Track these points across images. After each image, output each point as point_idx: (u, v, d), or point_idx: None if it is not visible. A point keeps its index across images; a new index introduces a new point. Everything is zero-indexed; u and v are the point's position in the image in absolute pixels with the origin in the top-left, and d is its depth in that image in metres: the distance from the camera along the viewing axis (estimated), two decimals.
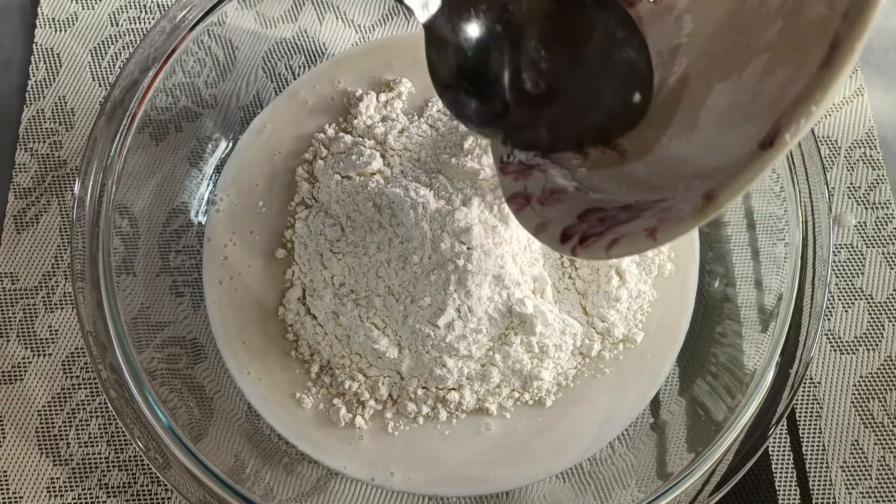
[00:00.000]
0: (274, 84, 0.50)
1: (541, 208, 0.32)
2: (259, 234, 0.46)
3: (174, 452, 0.38)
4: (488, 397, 0.42)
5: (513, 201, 0.33)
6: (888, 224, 0.49)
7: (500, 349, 0.41)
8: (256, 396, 0.43)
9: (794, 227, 0.41)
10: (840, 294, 0.48)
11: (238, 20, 0.48)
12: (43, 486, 0.44)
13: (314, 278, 0.43)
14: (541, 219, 0.31)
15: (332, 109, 0.48)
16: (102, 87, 0.51)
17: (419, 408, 0.42)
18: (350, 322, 0.42)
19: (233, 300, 0.44)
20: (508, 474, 0.42)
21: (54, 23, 0.52)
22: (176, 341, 0.44)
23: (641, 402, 0.44)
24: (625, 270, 0.43)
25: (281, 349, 0.44)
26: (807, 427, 0.45)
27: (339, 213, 0.43)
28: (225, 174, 0.47)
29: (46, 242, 0.48)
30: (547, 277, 0.42)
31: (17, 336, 0.46)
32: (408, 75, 0.48)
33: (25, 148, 0.49)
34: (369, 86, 0.48)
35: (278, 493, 0.41)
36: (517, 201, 0.33)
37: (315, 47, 0.51)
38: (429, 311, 0.40)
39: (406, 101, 0.48)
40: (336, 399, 0.43)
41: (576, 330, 0.42)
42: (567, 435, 0.43)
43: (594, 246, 0.28)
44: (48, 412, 0.45)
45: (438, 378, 0.41)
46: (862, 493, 0.44)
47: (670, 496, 0.38)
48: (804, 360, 0.40)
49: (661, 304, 0.45)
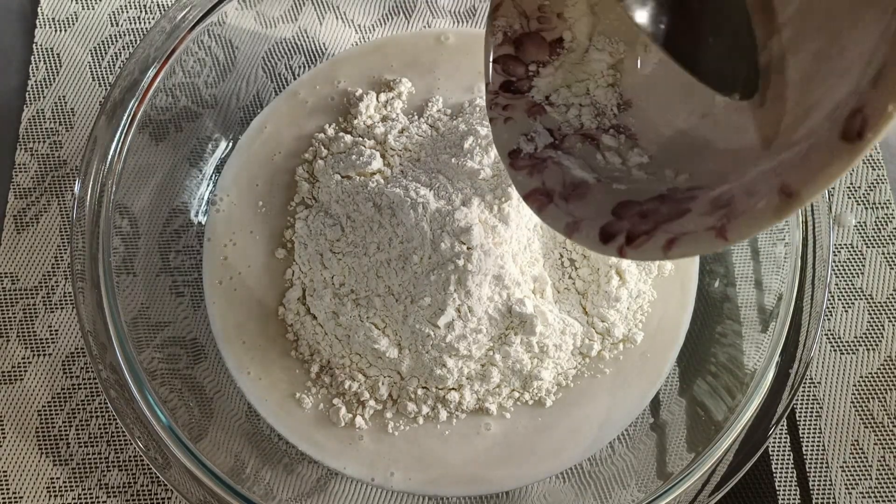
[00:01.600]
0: (274, 84, 0.50)
1: (566, 205, 0.29)
2: (259, 234, 0.46)
3: (174, 452, 0.38)
4: (488, 397, 0.42)
5: (532, 199, 0.30)
6: (888, 224, 0.49)
7: (500, 349, 0.41)
8: (256, 396, 0.43)
9: (794, 227, 0.41)
10: (840, 294, 0.48)
11: (238, 20, 0.48)
12: (43, 486, 0.44)
13: (314, 278, 0.43)
14: (570, 217, 0.29)
15: (332, 109, 0.48)
16: (102, 87, 0.51)
17: (419, 408, 0.42)
18: (350, 322, 0.42)
19: (233, 300, 0.44)
20: (508, 474, 0.42)
21: (54, 23, 0.52)
22: (176, 341, 0.44)
23: (641, 402, 0.44)
24: (625, 270, 0.43)
25: (281, 349, 0.44)
26: (807, 427, 0.45)
27: (339, 213, 0.43)
28: (225, 174, 0.47)
29: (46, 242, 0.48)
30: (547, 277, 0.42)
31: (17, 336, 0.46)
32: (408, 75, 0.48)
33: (25, 148, 0.49)
34: (369, 86, 0.48)
35: (278, 493, 0.41)
36: (537, 199, 0.30)
37: (315, 47, 0.51)
38: (429, 311, 0.40)
39: (406, 101, 0.48)
40: (336, 399, 0.43)
41: (576, 330, 0.42)
42: (567, 435, 0.43)
43: (647, 246, 0.26)
44: (48, 412, 0.45)
45: (438, 378, 0.41)
46: (862, 493, 0.44)
47: (670, 496, 0.38)
48: (804, 360, 0.40)
49: (661, 304, 0.45)
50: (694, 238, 0.24)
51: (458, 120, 0.46)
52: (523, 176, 0.31)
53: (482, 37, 0.32)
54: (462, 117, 0.46)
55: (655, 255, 0.26)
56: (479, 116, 0.44)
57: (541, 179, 0.30)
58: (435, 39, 0.50)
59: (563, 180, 0.30)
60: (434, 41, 0.50)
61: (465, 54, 0.49)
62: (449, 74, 0.48)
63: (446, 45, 0.49)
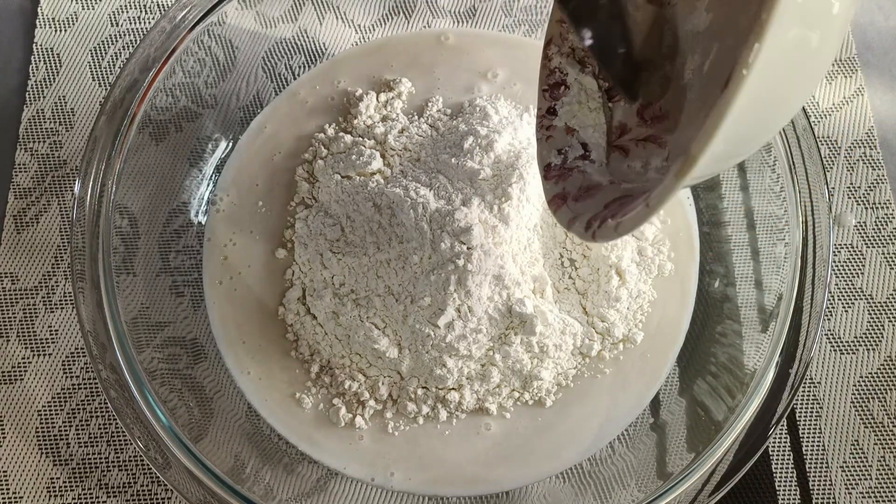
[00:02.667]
0: (274, 84, 0.50)
1: (574, 204, 0.34)
2: (259, 234, 0.46)
3: (174, 452, 0.38)
4: (488, 397, 0.42)
5: (553, 202, 0.35)
6: (888, 224, 0.49)
7: (500, 349, 0.41)
8: (256, 396, 0.43)
9: (794, 227, 0.41)
10: (840, 294, 0.48)
11: (238, 20, 0.48)
12: (43, 486, 0.44)
13: (314, 278, 0.43)
14: (572, 213, 0.33)
15: (332, 109, 0.48)
16: (102, 87, 0.51)
17: (419, 408, 0.42)
18: (350, 322, 0.42)
19: (233, 300, 0.44)
20: (508, 474, 0.42)
21: (54, 23, 0.52)
22: (176, 341, 0.44)
23: (641, 402, 0.44)
24: (625, 270, 0.43)
25: (281, 349, 0.44)
26: (807, 427, 0.45)
27: (338, 213, 0.43)
28: (225, 174, 0.47)
29: (46, 242, 0.48)
30: (547, 277, 0.42)
31: (17, 336, 0.46)
32: (408, 75, 0.48)
33: (25, 148, 0.49)
34: (369, 86, 0.48)
35: (278, 493, 0.41)
36: (556, 202, 0.35)
37: (315, 47, 0.51)
38: (429, 311, 0.40)
39: (406, 101, 0.48)
40: (336, 399, 0.43)
41: (576, 330, 0.42)
42: (567, 435, 0.43)
43: (605, 227, 0.30)
44: (48, 412, 0.45)
45: (438, 378, 0.41)
46: (862, 493, 0.44)
47: (670, 496, 0.38)
48: (804, 360, 0.40)
49: (661, 304, 0.45)
50: (633, 212, 0.28)
51: (458, 120, 0.46)
52: (551, 184, 0.36)
53: (482, 36, 0.34)
54: (462, 117, 0.46)
55: (610, 235, 0.30)
56: (479, 116, 0.44)
57: (563, 186, 0.35)
58: (435, 39, 0.50)
59: (580, 185, 0.35)
60: (434, 41, 0.50)
61: (465, 54, 0.49)
62: (449, 74, 0.48)
63: (446, 45, 0.49)
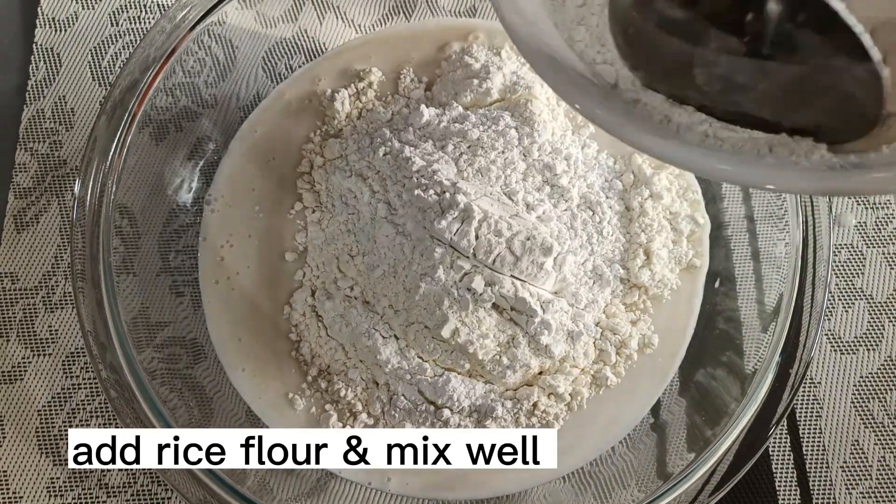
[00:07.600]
0: (274, 84, 0.50)
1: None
2: (258, 239, 0.45)
3: None
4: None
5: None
6: (888, 224, 0.49)
7: (508, 352, 0.41)
8: (249, 394, 0.43)
9: (794, 227, 0.41)
10: (840, 294, 0.48)
11: (238, 20, 0.48)
12: (43, 486, 0.44)
13: (326, 280, 0.43)
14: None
15: (314, 110, 0.47)
16: (102, 87, 0.51)
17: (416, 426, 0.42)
18: (356, 327, 0.41)
19: (229, 300, 0.44)
20: (509, 479, 0.42)
21: (54, 23, 0.52)
22: (176, 341, 0.44)
23: (645, 406, 0.43)
24: (654, 252, 0.43)
25: (280, 349, 0.44)
26: (807, 427, 0.45)
27: (354, 220, 0.43)
28: (218, 175, 0.46)
29: (46, 242, 0.48)
30: (559, 284, 0.42)
31: (17, 336, 0.46)
32: (379, 58, 0.47)
33: (25, 148, 0.49)
34: (345, 80, 0.47)
35: (278, 493, 0.41)
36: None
37: (315, 47, 0.51)
38: (434, 321, 0.40)
39: (377, 89, 0.47)
40: (329, 406, 0.42)
41: (586, 338, 0.42)
42: (571, 441, 0.42)
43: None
44: (48, 412, 0.45)
45: (441, 389, 0.41)
46: (862, 493, 0.44)
47: (670, 496, 0.38)
48: (804, 360, 0.40)
49: (671, 306, 0.44)
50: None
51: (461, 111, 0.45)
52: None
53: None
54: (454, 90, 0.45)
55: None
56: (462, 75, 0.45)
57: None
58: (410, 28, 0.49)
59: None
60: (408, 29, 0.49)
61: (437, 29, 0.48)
62: (419, 47, 0.48)
63: (422, 26, 0.49)
